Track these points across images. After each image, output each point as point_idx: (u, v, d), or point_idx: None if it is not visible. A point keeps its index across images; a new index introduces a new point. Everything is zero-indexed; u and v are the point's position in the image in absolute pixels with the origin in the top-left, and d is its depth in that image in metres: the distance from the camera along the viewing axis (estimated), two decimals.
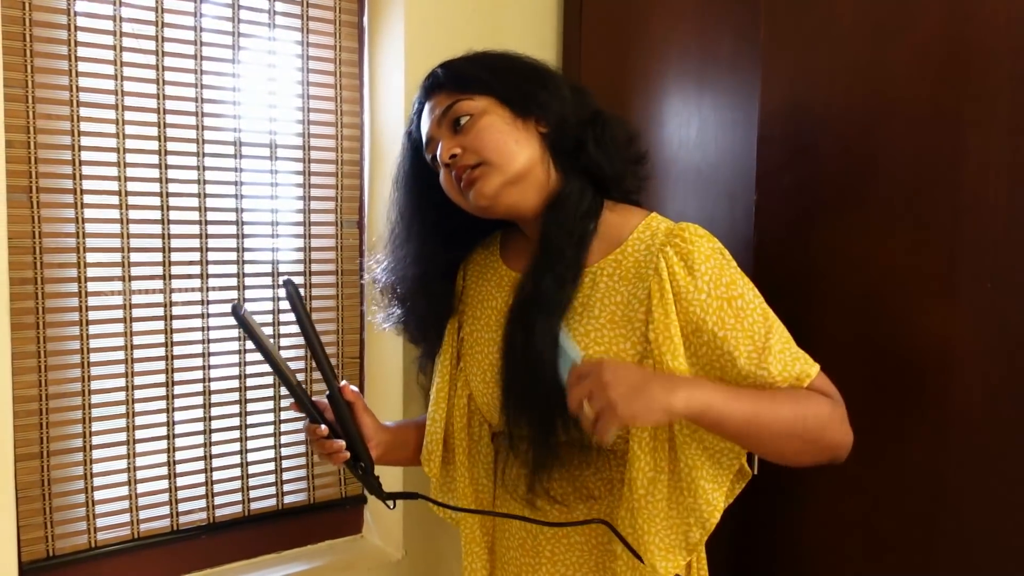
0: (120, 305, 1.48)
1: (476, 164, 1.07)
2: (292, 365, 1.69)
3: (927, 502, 1.19)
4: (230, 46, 1.57)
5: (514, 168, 1.08)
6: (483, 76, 1.11)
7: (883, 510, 1.24)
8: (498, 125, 1.08)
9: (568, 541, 1.13)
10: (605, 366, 0.91)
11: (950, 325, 1.15)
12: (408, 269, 1.22)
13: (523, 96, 1.10)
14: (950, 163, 1.15)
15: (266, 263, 1.65)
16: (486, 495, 1.22)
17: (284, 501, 1.71)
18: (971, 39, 1.12)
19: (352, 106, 1.72)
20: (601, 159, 1.10)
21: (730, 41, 1.43)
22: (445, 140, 1.10)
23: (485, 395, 1.17)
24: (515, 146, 1.08)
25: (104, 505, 1.50)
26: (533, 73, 1.14)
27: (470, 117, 1.09)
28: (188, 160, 1.54)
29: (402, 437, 1.28)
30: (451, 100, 1.10)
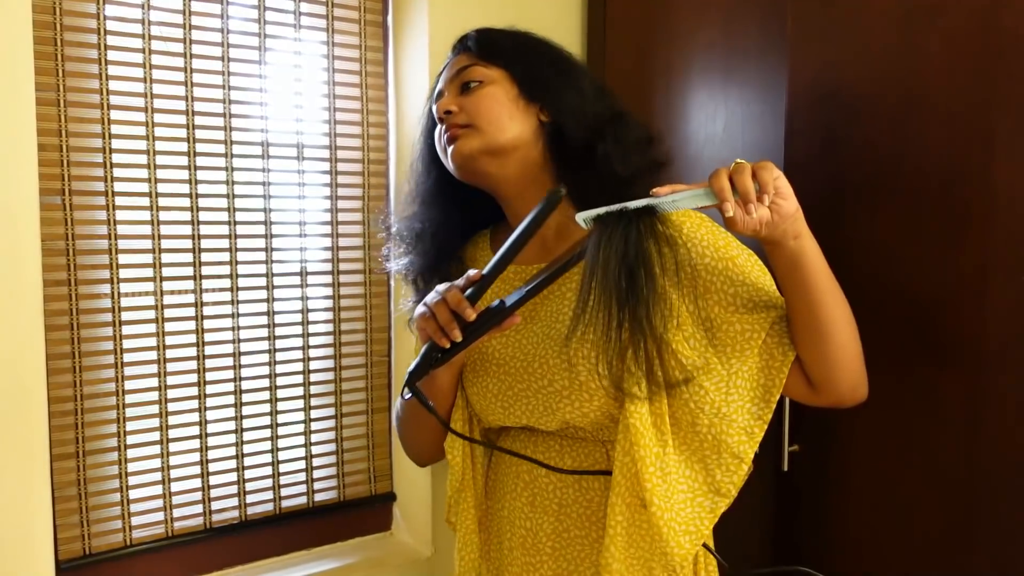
0: (152, 306, 1.50)
1: (464, 124, 1.11)
2: (318, 353, 1.70)
3: (963, 496, 1.17)
4: (256, 48, 1.58)
5: (498, 139, 1.10)
6: (505, 49, 1.14)
7: (917, 504, 1.23)
8: (498, 96, 1.11)
9: (568, 536, 1.12)
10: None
11: (985, 320, 1.13)
12: (420, 215, 1.24)
13: (535, 80, 1.12)
14: (983, 154, 1.13)
15: (295, 263, 1.66)
16: (478, 498, 1.22)
17: (315, 499, 1.72)
18: (1004, 26, 1.10)
19: (378, 105, 1.72)
20: (614, 160, 1.09)
21: (756, 33, 1.42)
22: (448, 96, 1.14)
23: (487, 391, 1.15)
24: (507, 120, 1.10)
25: (138, 504, 1.52)
26: (556, 62, 1.15)
27: (479, 83, 1.12)
28: (217, 161, 1.55)
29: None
30: (468, 63, 1.14)
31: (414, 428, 1.24)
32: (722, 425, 1.03)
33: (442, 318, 0.98)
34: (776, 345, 1.04)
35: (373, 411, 1.78)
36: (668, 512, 1.02)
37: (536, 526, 1.14)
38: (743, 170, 0.89)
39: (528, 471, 1.15)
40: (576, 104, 1.11)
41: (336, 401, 1.74)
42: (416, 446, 1.27)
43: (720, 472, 1.04)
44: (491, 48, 1.14)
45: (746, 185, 0.88)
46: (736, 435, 1.03)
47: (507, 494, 1.18)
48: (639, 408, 1.01)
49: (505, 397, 1.13)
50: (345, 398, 1.75)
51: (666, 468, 1.03)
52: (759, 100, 1.42)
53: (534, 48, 1.16)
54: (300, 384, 1.69)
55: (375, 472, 1.80)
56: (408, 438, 1.28)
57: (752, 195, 0.88)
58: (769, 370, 1.05)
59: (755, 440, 1.05)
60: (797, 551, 1.40)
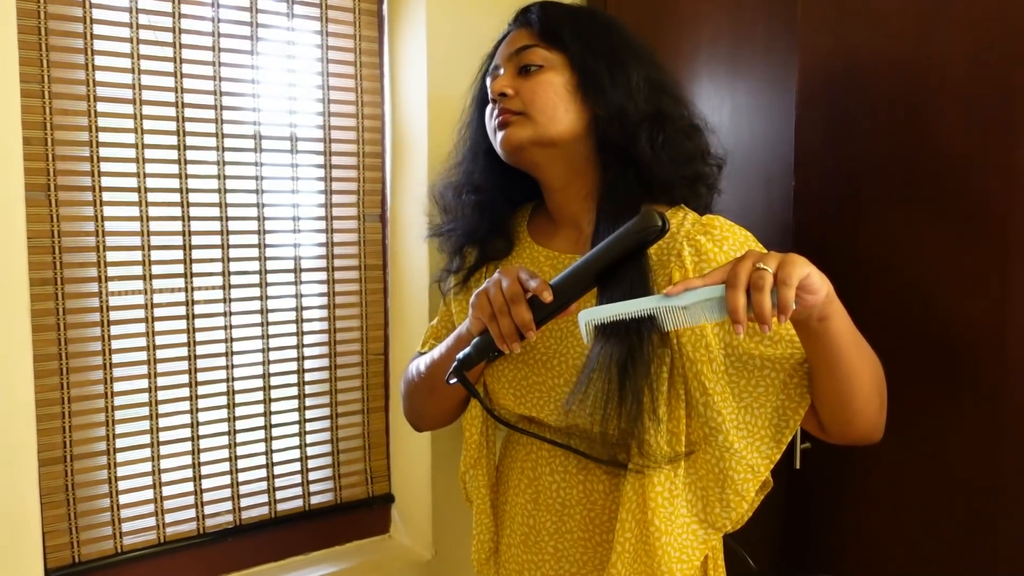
0: (141, 304, 1.45)
1: (518, 111, 1.07)
2: (313, 351, 1.66)
3: (983, 498, 1.14)
4: (248, 37, 1.53)
5: (550, 132, 1.06)
6: (569, 36, 1.09)
7: (934, 504, 1.20)
8: (556, 85, 1.07)
9: (571, 537, 1.09)
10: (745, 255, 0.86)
11: (1006, 317, 1.10)
12: (469, 185, 1.19)
13: (594, 74, 1.07)
14: (1003, 144, 1.09)
15: (288, 259, 1.61)
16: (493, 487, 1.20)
17: (311, 502, 1.68)
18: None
19: (373, 96, 1.68)
20: (651, 161, 1.06)
21: (765, 20, 1.38)
22: (505, 76, 1.10)
23: (501, 376, 1.11)
24: (562, 112, 1.07)
25: (129, 509, 1.47)
26: (616, 52, 1.09)
27: (538, 68, 1.08)
28: (207, 155, 1.50)
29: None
30: (529, 42, 1.10)
31: (429, 396, 1.19)
32: (731, 460, 1.00)
33: (506, 329, 0.93)
34: (795, 387, 1.01)
35: (369, 410, 1.74)
36: (667, 535, 0.99)
37: (538, 524, 1.11)
38: (764, 285, 0.81)
39: (532, 467, 1.12)
40: (623, 102, 1.07)
41: (331, 400, 1.69)
42: (426, 414, 1.24)
43: (719, 506, 1.02)
44: (554, 29, 1.10)
45: (762, 306, 0.81)
46: (743, 472, 1.00)
47: (511, 488, 1.16)
48: (656, 423, 0.98)
49: (520, 387, 1.10)
50: (340, 397, 1.70)
51: (674, 490, 0.99)
52: (767, 90, 1.39)
53: (597, 35, 1.11)
54: (295, 384, 1.64)
55: (372, 473, 1.76)
56: (419, 405, 1.23)
57: (768, 317, 0.82)
58: (784, 411, 1.01)
59: (759, 479, 1.02)
60: (809, 550, 1.37)
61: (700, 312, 0.85)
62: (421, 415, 1.25)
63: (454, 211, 1.20)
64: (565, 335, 1.05)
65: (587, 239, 1.11)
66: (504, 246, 1.17)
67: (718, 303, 0.84)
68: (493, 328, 0.94)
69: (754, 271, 0.82)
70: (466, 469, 1.18)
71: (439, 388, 1.10)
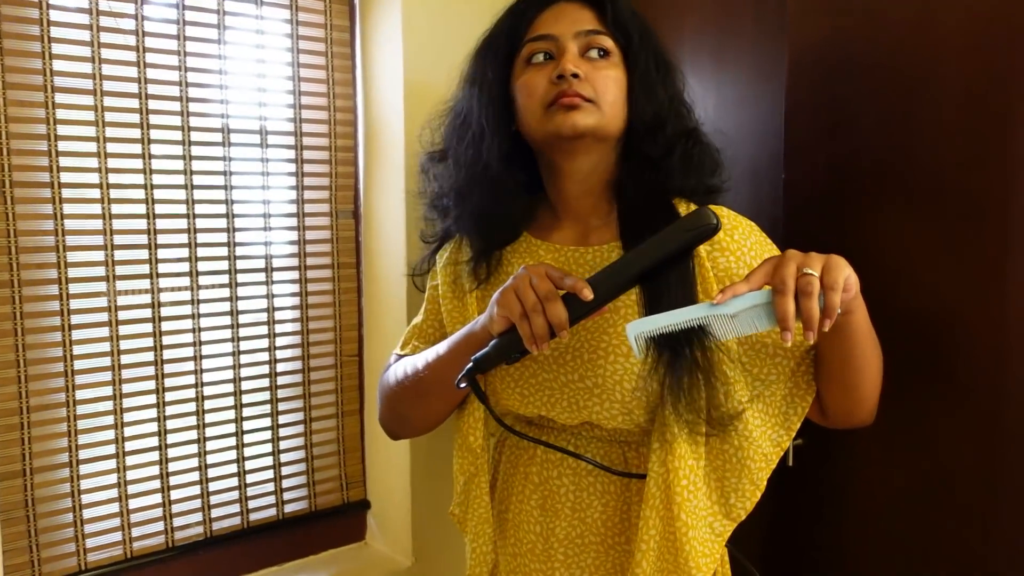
0: (104, 308, 1.37)
1: (589, 98, 1.00)
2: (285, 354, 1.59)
3: (979, 492, 1.13)
4: (215, 26, 1.46)
5: (610, 127, 1.03)
6: (634, 30, 1.05)
7: (929, 500, 1.18)
8: (620, 82, 1.04)
9: (583, 542, 1.06)
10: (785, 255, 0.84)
11: (1003, 311, 1.09)
12: (476, 159, 1.08)
13: (647, 80, 1.04)
14: (999, 138, 1.08)
15: (259, 258, 1.55)
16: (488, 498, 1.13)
17: (285, 510, 1.61)
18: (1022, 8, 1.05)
19: (345, 88, 1.62)
20: (675, 176, 1.05)
21: (752, 9, 1.36)
22: (574, 57, 1.02)
23: (505, 374, 1.06)
24: (621, 110, 1.04)
25: (93, 524, 1.39)
26: (665, 63, 1.08)
27: (606, 57, 1.03)
28: (173, 149, 1.43)
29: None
30: (599, 27, 1.04)
31: (420, 401, 1.10)
32: (749, 449, 1.00)
33: (539, 329, 0.87)
34: (803, 375, 1.02)
35: (344, 414, 1.68)
36: (693, 529, 0.96)
37: (547, 531, 1.07)
38: (813, 292, 0.80)
39: (539, 472, 1.08)
40: (664, 114, 1.05)
41: (305, 404, 1.63)
42: (412, 421, 1.15)
43: (735, 496, 1.02)
44: (624, 22, 1.05)
45: (812, 313, 0.81)
46: (759, 460, 1.01)
47: (514, 495, 1.11)
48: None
49: (527, 385, 1.05)
50: (314, 401, 1.64)
51: (697, 482, 0.97)
52: (755, 81, 1.36)
53: (651, 38, 1.08)
54: (266, 388, 1.58)
55: (347, 479, 1.70)
56: (405, 410, 1.14)
57: (815, 323, 0.81)
58: (793, 399, 1.03)
59: (771, 467, 1.02)
60: (803, 547, 1.35)
61: (749, 321, 0.84)
62: (406, 421, 1.17)
63: (462, 193, 1.10)
64: (578, 328, 1.00)
65: (593, 233, 1.08)
66: (511, 235, 1.11)
67: (765, 310, 0.83)
68: (523, 327, 0.88)
69: (800, 276, 0.81)
70: (467, 479, 1.10)
71: (436, 392, 1.05)
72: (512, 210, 1.09)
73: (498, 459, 1.15)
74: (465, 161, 1.08)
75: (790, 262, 0.82)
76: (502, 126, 1.06)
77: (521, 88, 1.04)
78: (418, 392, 1.08)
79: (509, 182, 1.07)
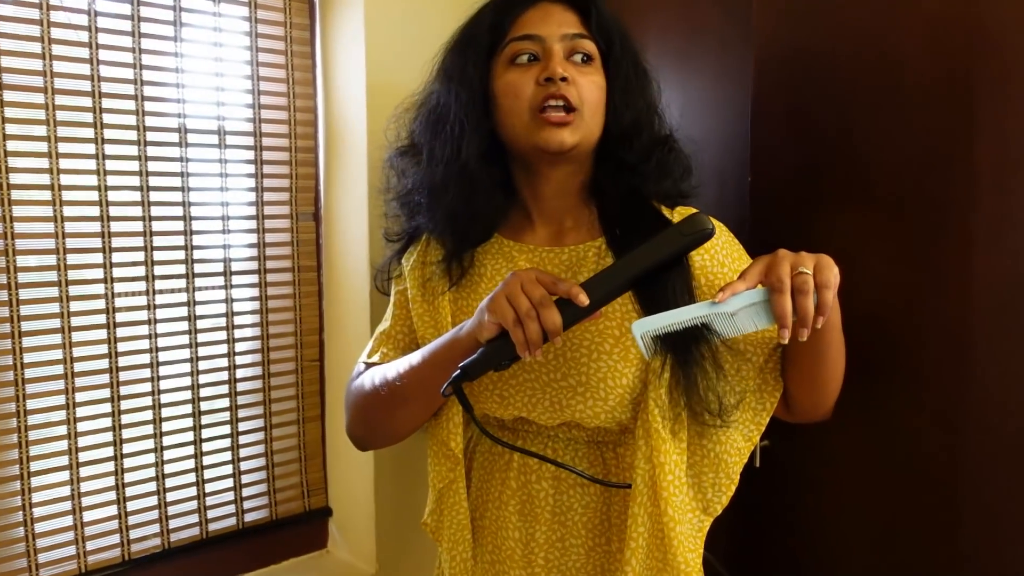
0: (57, 313, 1.32)
1: (575, 107, 1.00)
2: (245, 360, 1.56)
3: (945, 488, 1.15)
4: (171, 22, 1.42)
5: (591, 137, 1.03)
6: (616, 37, 1.05)
7: (897, 497, 1.20)
8: (602, 88, 1.03)
9: (563, 545, 1.05)
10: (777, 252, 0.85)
11: (968, 310, 1.10)
12: (454, 158, 1.04)
13: (625, 87, 1.04)
14: (962, 140, 1.09)
15: (217, 261, 1.51)
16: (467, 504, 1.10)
17: (245, 519, 1.58)
18: (985, 12, 1.06)
19: (305, 88, 1.59)
20: (649, 181, 1.05)
21: (718, 12, 1.36)
22: (562, 61, 1.00)
23: (504, 377, 1.04)
24: (600, 117, 1.04)
25: (46, 538, 1.34)
26: (642, 70, 1.08)
27: (589, 62, 1.03)
28: (128, 149, 1.38)
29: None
30: (584, 31, 1.03)
31: (396, 411, 1.05)
32: (727, 443, 1.02)
33: (533, 335, 0.85)
34: (770, 371, 1.04)
35: (305, 420, 1.65)
36: (680, 524, 0.96)
37: (527, 536, 1.06)
38: (808, 291, 0.82)
39: (517, 477, 1.06)
40: (641, 121, 1.05)
41: (265, 411, 1.59)
42: (388, 430, 1.09)
43: (712, 491, 1.03)
44: (605, 26, 1.04)
45: (808, 311, 0.83)
46: (734, 454, 1.03)
47: (491, 501, 1.09)
48: (663, 411, 0.96)
49: (506, 387, 1.03)
50: (274, 407, 1.60)
51: (682, 477, 0.97)
52: (721, 85, 1.37)
53: (632, 47, 1.07)
54: (225, 394, 1.54)
55: (308, 486, 1.66)
56: (379, 419, 1.08)
57: (810, 320, 0.83)
58: (762, 394, 1.05)
59: (743, 460, 1.04)
60: (771, 549, 1.36)
61: (748, 319, 0.85)
62: (378, 432, 1.11)
63: (437, 190, 1.06)
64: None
65: (568, 233, 1.08)
66: (485, 235, 1.09)
67: (763, 308, 0.84)
68: (517, 334, 0.86)
69: (796, 275, 0.82)
70: (445, 486, 1.07)
71: (416, 401, 1.02)
72: (489, 209, 1.07)
73: (469, 466, 1.13)
74: (442, 157, 1.05)
75: (784, 261, 0.83)
76: (482, 123, 1.04)
77: (505, 88, 1.02)
78: (395, 401, 1.04)
79: (487, 180, 1.05)
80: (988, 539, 1.11)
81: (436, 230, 1.09)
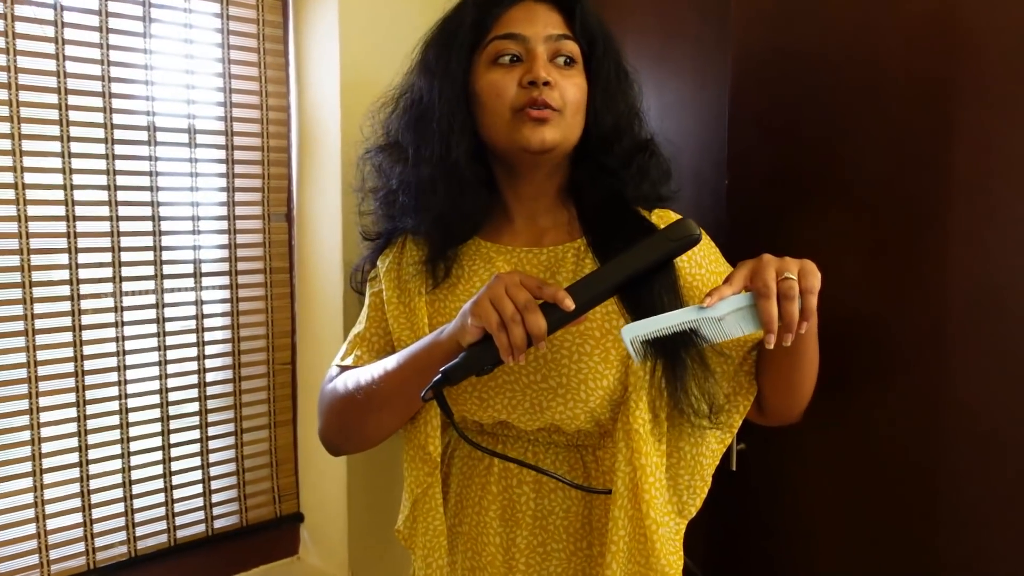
0: (20, 316, 1.29)
1: (557, 108, 0.99)
2: (215, 363, 1.53)
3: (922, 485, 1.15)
4: (140, 18, 1.38)
5: (571, 138, 1.02)
6: (597, 37, 1.03)
7: (874, 496, 1.20)
8: (585, 93, 1.02)
9: (544, 550, 1.04)
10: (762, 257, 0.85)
11: (943, 313, 1.11)
12: (442, 155, 1.02)
13: (606, 91, 1.03)
14: (940, 144, 1.10)
15: (187, 262, 1.47)
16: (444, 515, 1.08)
17: (214, 526, 1.54)
18: (964, 13, 1.07)
19: (278, 87, 1.56)
20: (628, 186, 1.04)
21: (696, 13, 1.36)
22: (545, 63, 0.99)
23: (483, 379, 1.01)
24: (582, 119, 1.03)
25: (9, 547, 1.30)
26: (623, 76, 1.07)
27: (572, 64, 1.02)
28: (95, 148, 1.35)
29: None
30: (567, 32, 1.02)
31: (374, 416, 1.02)
32: (703, 446, 1.02)
33: (518, 340, 0.83)
34: (744, 375, 1.04)
35: (276, 424, 1.62)
36: (663, 527, 0.96)
37: (508, 541, 1.05)
38: (794, 296, 0.82)
39: (498, 482, 1.05)
40: (623, 125, 1.05)
41: (236, 415, 1.56)
42: (364, 435, 1.06)
43: (687, 493, 1.03)
44: (589, 27, 1.03)
45: (794, 317, 0.82)
46: (708, 456, 1.03)
47: (469, 507, 1.07)
48: (643, 413, 0.95)
49: (485, 389, 1.01)
50: (245, 411, 1.57)
51: (662, 480, 0.97)
52: (698, 87, 1.37)
53: (614, 49, 1.06)
54: (195, 398, 1.51)
55: (280, 491, 1.64)
56: (354, 424, 1.05)
57: (795, 326, 0.83)
58: (736, 396, 1.04)
59: (716, 463, 1.04)
60: (749, 551, 1.36)
61: (735, 324, 0.85)
62: (353, 436, 1.08)
63: (424, 189, 1.03)
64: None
65: (546, 234, 1.07)
66: (469, 235, 1.08)
67: (749, 312, 0.84)
68: (501, 338, 0.84)
69: (782, 280, 0.82)
70: (422, 492, 1.04)
71: (394, 405, 0.99)
72: (475, 208, 1.05)
73: (447, 471, 1.11)
74: (429, 156, 1.02)
75: (769, 266, 0.83)
76: (468, 122, 1.03)
77: (487, 88, 1.00)
78: (371, 406, 1.01)
79: (474, 179, 1.03)
80: (965, 539, 1.11)
81: (422, 230, 1.07)
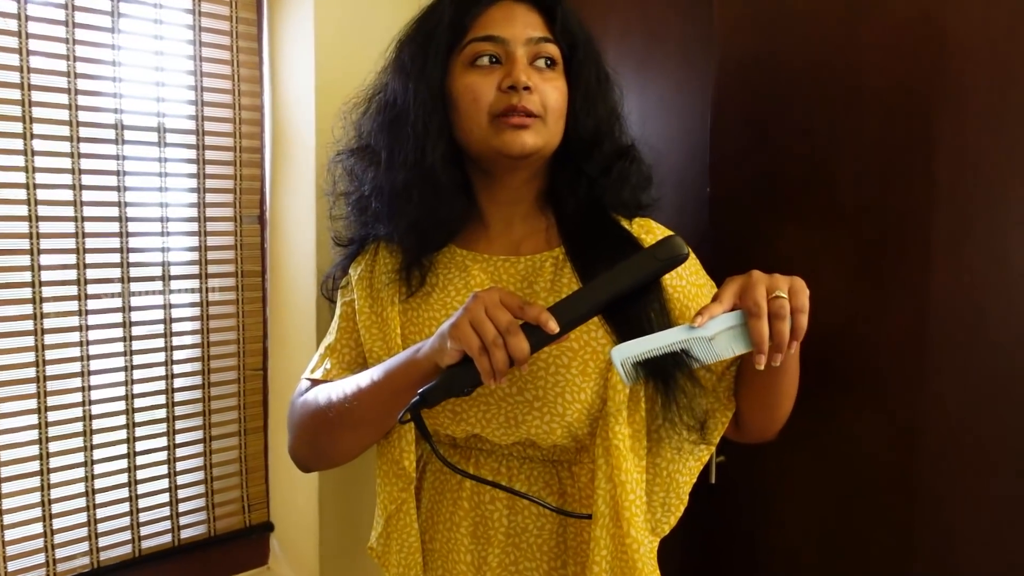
0: None
1: (537, 114, 0.96)
2: (184, 368, 1.49)
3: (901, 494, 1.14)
4: (108, 12, 1.34)
5: (552, 142, 0.99)
6: (578, 39, 1.01)
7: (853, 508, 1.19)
8: (565, 96, 1.00)
9: (517, 569, 1.01)
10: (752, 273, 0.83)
11: (924, 322, 1.10)
12: (418, 160, 0.98)
13: (586, 95, 1.01)
14: (923, 153, 1.09)
15: (155, 265, 1.43)
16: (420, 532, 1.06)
17: (181, 536, 1.50)
18: (948, 22, 1.06)
19: (251, 85, 1.52)
20: (608, 192, 1.02)
21: (679, 19, 1.34)
22: (526, 67, 0.96)
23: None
24: (562, 122, 1.00)
25: None
26: (605, 76, 1.05)
27: (552, 67, 0.99)
28: (60, 146, 1.31)
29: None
30: (548, 34, 0.99)
31: (346, 433, 0.98)
32: (679, 463, 1.00)
33: (500, 363, 0.80)
34: (723, 391, 1.02)
35: (247, 431, 1.58)
36: (643, 546, 0.93)
37: (479, 560, 1.01)
38: (785, 315, 0.80)
39: (470, 497, 1.01)
40: (603, 130, 1.02)
41: (204, 422, 1.52)
42: (336, 453, 1.02)
43: (662, 511, 1.00)
44: (570, 29, 1.00)
45: (784, 336, 0.80)
46: (685, 474, 1.01)
47: (441, 523, 1.04)
48: (622, 428, 0.92)
49: (458, 401, 0.98)
50: (214, 418, 1.53)
51: (642, 497, 0.94)
52: (681, 93, 1.34)
53: (595, 51, 1.03)
54: (162, 404, 1.47)
55: (249, 500, 1.60)
56: (326, 442, 1.01)
57: (785, 346, 0.81)
58: (715, 413, 1.02)
59: (692, 481, 1.02)
60: (728, 565, 1.34)
61: (726, 343, 0.83)
62: (325, 454, 1.04)
63: (399, 195, 1.00)
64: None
65: (524, 242, 1.04)
66: (443, 242, 1.05)
67: (740, 332, 0.82)
68: (483, 362, 0.80)
69: (772, 299, 0.80)
70: (396, 507, 1.01)
71: (368, 424, 0.95)
72: (452, 215, 1.02)
73: (419, 485, 1.08)
74: (404, 161, 0.98)
75: (759, 284, 0.81)
76: (444, 126, 0.99)
77: (464, 91, 0.97)
78: (344, 424, 0.97)
79: (450, 185, 1.00)
80: (946, 551, 1.10)
81: (396, 236, 1.03)
